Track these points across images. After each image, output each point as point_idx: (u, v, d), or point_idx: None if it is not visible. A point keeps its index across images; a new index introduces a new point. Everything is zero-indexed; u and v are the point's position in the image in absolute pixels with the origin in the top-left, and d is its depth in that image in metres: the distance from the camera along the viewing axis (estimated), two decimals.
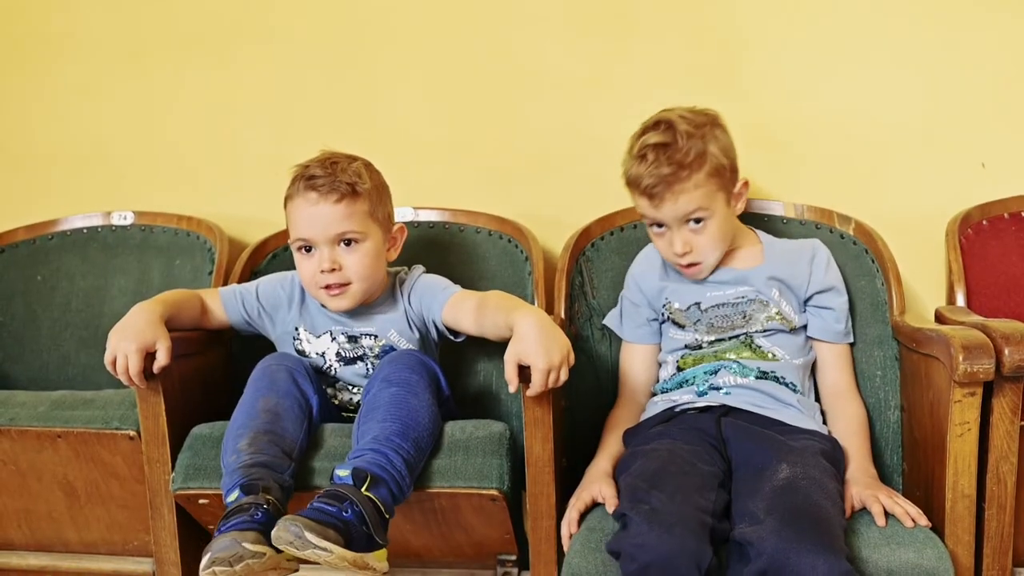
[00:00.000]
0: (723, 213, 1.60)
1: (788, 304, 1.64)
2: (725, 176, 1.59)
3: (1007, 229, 1.80)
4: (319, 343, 1.67)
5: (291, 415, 1.49)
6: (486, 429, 1.51)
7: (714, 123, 1.60)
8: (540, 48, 1.96)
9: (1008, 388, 1.39)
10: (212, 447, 1.51)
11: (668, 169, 1.54)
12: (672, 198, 1.55)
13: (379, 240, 1.62)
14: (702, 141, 1.56)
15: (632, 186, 1.60)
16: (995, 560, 1.44)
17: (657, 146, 1.56)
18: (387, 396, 1.46)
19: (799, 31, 1.89)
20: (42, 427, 1.60)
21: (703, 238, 1.59)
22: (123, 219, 2.03)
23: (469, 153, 2.00)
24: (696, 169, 1.55)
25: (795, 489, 1.33)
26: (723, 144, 1.59)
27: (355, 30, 2.01)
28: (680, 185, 1.55)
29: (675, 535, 1.25)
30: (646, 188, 1.56)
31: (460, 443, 1.49)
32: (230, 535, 1.28)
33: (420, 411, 1.46)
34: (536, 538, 1.51)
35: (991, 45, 1.85)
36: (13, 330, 2.00)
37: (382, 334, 1.66)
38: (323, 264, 1.58)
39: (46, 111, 2.13)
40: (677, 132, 1.56)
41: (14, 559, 1.73)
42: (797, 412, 1.57)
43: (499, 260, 1.87)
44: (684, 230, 1.59)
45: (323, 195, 1.57)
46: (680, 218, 1.58)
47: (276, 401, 1.49)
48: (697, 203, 1.56)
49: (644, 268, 1.72)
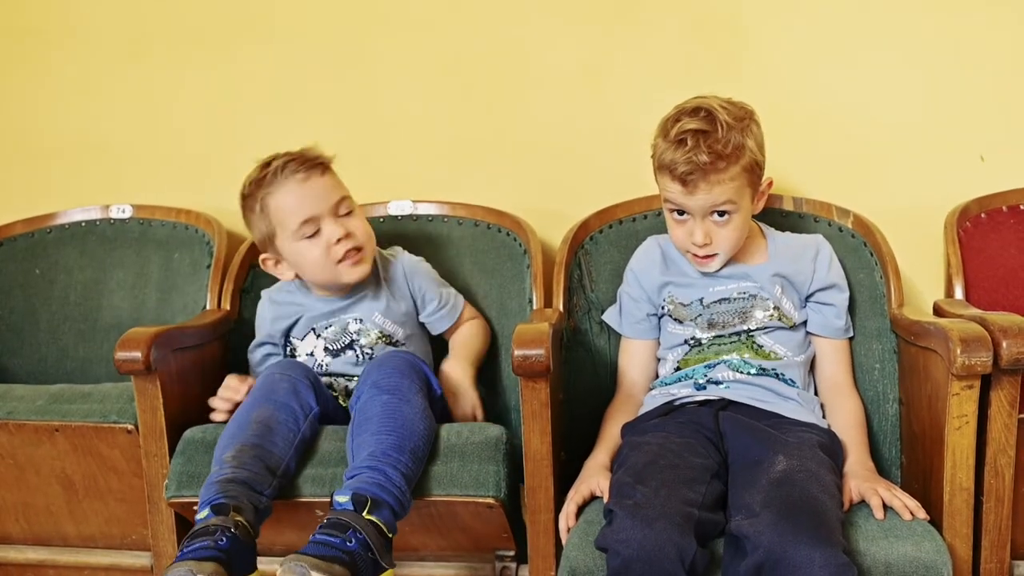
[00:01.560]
0: (747, 209, 1.59)
1: (789, 301, 1.64)
2: (756, 173, 1.58)
3: (1005, 222, 1.80)
4: (304, 345, 1.69)
5: (283, 429, 1.46)
6: (482, 433, 1.50)
7: (751, 117, 1.59)
8: (538, 41, 1.96)
9: (1006, 381, 1.39)
10: (205, 452, 1.50)
11: (707, 158, 1.51)
12: (707, 188, 1.54)
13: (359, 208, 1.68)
14: (741, 134, 1.54)
15: (665, 170, 1.57)
16: (993, 553, 1.45)
17: (697, 133, 1.52)
18: (379, 405, 1.44)
19: (799, 23, 1.89)
20: (40, 421, 1.60)
21: (725, 231, 1.58)
22: (122, 212, 2.03)
23: (467, 146, 2.00)
24: (733, 161, 1.53)
25: (792, 482, 1.33)
26: (758, 140, 1.58)
27: (352, 24, 2.01)
28: (716, 176, 1.53)
29: (657, 529, 1.25)
30: (682, 174, 1.53)
31: (456, 449, 1.47)
32: (186, 565, 1.22)
33: (414, 419, 1.44)
34: (534, 532, 1.51)
35: (990, 39, 1.84)
36: (11, 323, 2.00)
37: (367, 317, 1.67)
38: (337, 233, 1.60)
39: (45, 105, 2.12)
40: (718, 121, 1.53)
41: (12, 553, 1.73)
42: (796, 405, 1.57)
43: (497, 253, 1.86)
44: (708, 221, 1.58)
45: (307, 172, 1.60)
46: (707, 208, 1.56)
47: (270, 413, 1.47)
48: (728, 195, 1.55)
49: (644, 264, 1.71)
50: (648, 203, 1.84)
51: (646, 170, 1.90)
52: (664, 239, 1.72)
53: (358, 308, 1.68)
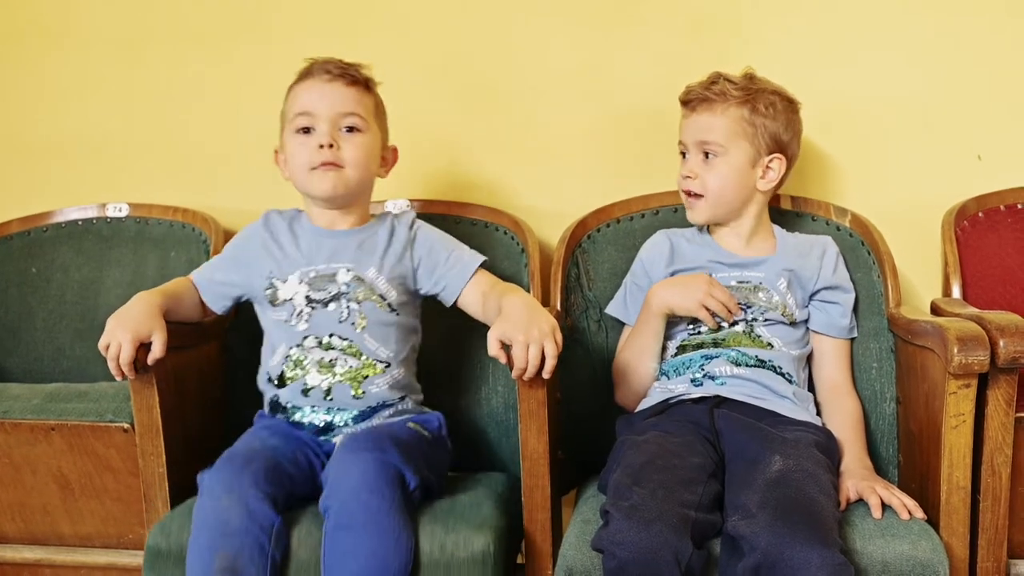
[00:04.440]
0: (738, 165, 1.63)
1: (793, 297, 1.65)
2: (758, 134, 1.63)
3: (1003, 221, 1.80)
4: (287, 288, 1.58)
5: (251, 568, 1.34)
6: (467, 548, 1.39)
7: (784, 99, 1.67)
8: (537, 39, 1.96)
9: (1003, 380, 1.39)
10: (176, 566, 1.40)
11: (714, 88, 1.63)
12: (701, 113, 1.64)
13: (376, 142, 1.62)
14: (757, 95, 1.63)
15: (681, 99, 1.68)
16: (990, 552, 1.45)
17: (725, 76, 1.65)
18: (350, 553, 1.34)
19: (799, 23, 1.89)
20: (36, 420, 1.60)
21: (710, 174, 1.64)
22: (118, 211, 2.03)
23: (465, 145, 2.00)
24: (735, 103, 1.62)
25: (788, 482, 1.33)
26: (778, 113, 1.64)
27: (351, 23, 2.00)
28: (713, 104, 1.63)
29: (653, 531, 1.25)
30: (688, 93, 1.66)
31: (440, 565, 1.38)
32: None
33: (390, 559, 1.34)
34: (531, 531, 1.51)
35: (988, 37, 1.85)
36: (7, 322, 1.99)
37: (359, 269, 1.59)
38: (322, 139, 1.56)
39: (42, 103, 2.12)
40: (749, 76, 1.66)
41: (8, 552, 1.72)
42: (792, 404, 1.57)
43: (495, 252, 1.86)
44: (697, 159, 1.65)
45: (336, 77, 1.58)
46: (697, 140, 1.64)
47: (233, 556, 1.34)
48: (718, 133, 1.62)
49: (653, 254, 1.72)
50: (646, 202, 1.85)
51: (644, 169, 1.91)
52: (673, 232, 1.74)
53: (351, 256, 1.60)
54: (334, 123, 1.57)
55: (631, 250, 1.78)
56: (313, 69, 1.60)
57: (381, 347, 1.58)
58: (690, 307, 1.60)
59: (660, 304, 1.62)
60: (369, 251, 1.61)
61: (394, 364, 1.59)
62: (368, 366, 1.57)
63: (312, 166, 1.57)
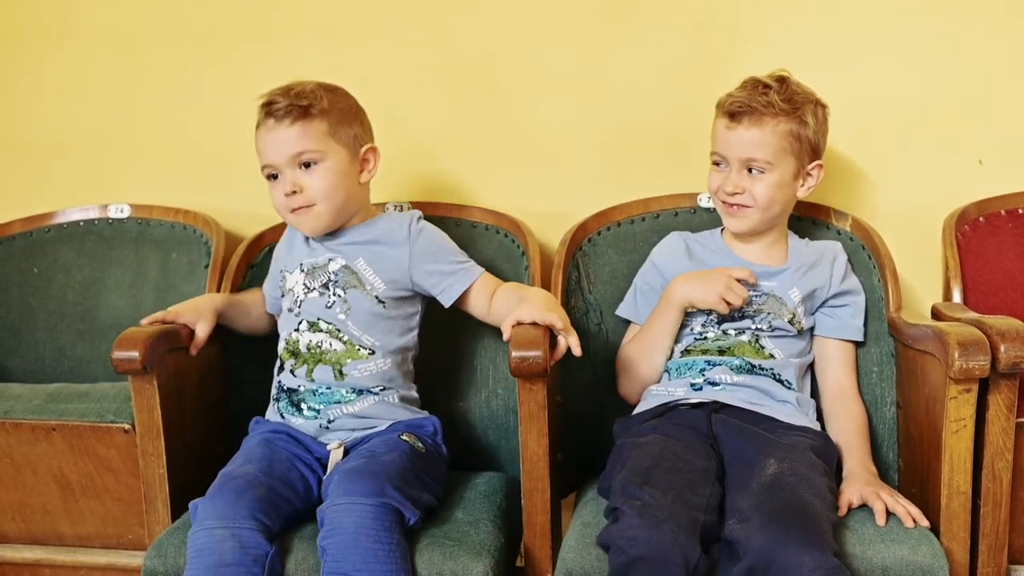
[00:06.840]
0: (785, 179, 1.61)
1: (802, 306, 1.64)
2: (803, 148, 1.61)
3: (1004, 226, 1.80)
4: (292, 279, 1.67)
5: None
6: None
7: (821, 106, 1.64)
8: (537, 41, 1.95)
9: (1004, 385, 1.39)
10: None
11: (761, 100, 1.58)
12: (748, 126, 1.59)
13: (342, 160, 1.62)
14: (803, 107, 1.61)
15: (721, 108, 1.63)
16: (991, 557, 1.44)
17: (765, 83, 1.61)
18: None
19: (799, 24, 1.89)
20: (37, 420, 1.60)
21: (758, 185, 1.61)
22: (119, 212, 2.03)
23: (465, 147, 2.00)
24: (784, 119, 1.59)
25: (782, 485, 1.33)
26: (818, 123, 1.63)
27: (350, 23, 2.00)
28: (763, 119, 1.58)
29: (665, 531, 1.25)
30: (731, 104, 1.60)
31: None
32: None
33: None
34: (531, 534, 1.50)
35: (989, 41, 1.84)
36: (9, 323, 1.99)
37: (349, 259, 1.64)
38: (286, 188, 1.60)
39: (43, 103, 2.12)
40: (788, 84, 1.62)
41: (8, 552, 1.72)
42: (792, 409, 1.57)
43: (496, 255, 1.86)
44: (741, 173, 1.61)
45: (278, 120, 1.59)
46: (742, 156, 1.60)
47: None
48: (766, 151, 1.59)
49: (667, 256, 1.72)
50: (646, 205, 1.85)
51: (645, 172, 1.91)
52: (686, 235, 1.74)
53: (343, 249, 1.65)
54: (291, 165, 1.60)
55: (631, 253, 1.78)
56: (262, 115, 1.62)
57: (365, 335, 1.61)
58: (710, 300, 1.60)
59: (681, 296, 1.62)
60: (363, 243, 1.66)
61: (379, 353, 1.61)
62: (352, 351, 1.60)
63: (288, 210, 1.63)
